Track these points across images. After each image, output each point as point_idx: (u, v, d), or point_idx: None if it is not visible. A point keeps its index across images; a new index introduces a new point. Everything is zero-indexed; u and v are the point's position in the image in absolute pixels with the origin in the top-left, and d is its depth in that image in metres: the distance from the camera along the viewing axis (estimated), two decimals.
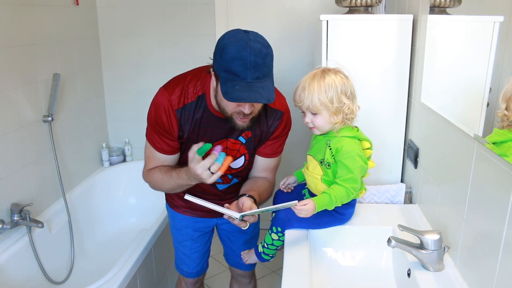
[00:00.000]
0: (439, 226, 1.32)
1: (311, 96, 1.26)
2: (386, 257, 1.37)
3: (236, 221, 1.30)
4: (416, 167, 1.58)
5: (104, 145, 2.87)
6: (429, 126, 1.45)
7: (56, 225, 2.24)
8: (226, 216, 1.30)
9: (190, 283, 1.81)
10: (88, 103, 2.71)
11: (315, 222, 1.35)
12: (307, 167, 1.41)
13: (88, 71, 2.70)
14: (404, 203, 1.62)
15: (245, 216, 1.29)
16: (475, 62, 1.11)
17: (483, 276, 1.01)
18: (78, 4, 2.52)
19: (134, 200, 2.87)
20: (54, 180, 2.31)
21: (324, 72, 1.28)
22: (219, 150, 1.28)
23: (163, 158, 1.45)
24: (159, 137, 1.41)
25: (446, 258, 1.19)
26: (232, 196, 1.59)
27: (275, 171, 1.59)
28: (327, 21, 1.62)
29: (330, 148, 1.31)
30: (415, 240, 1.16)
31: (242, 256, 1.50)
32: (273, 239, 1.36)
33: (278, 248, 1.39)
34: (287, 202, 1.23)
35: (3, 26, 1.92)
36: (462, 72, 1.20)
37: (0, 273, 1.82)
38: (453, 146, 1.22)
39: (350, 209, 1.41)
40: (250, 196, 1.37)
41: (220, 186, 1.57)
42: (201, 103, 1.38)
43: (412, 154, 1.61)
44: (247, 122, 1.31)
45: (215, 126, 1.39)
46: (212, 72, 1.26)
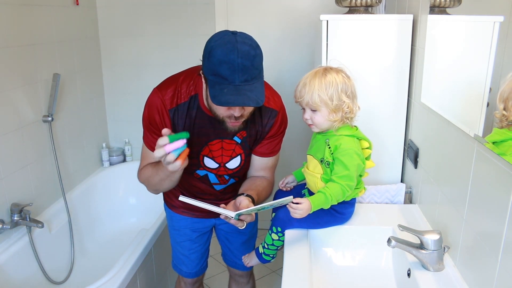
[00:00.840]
0: (439, 226, 1.32)
1: (311, 92, 1.26)
2: (386, 257, 1.37)
3: (232, 220, 1.29)
4: (416, 167, 1.58)
5: (104, 145, 2.87)
6: (429, 126, 1.45)
7: (56, 225, 2.24)
8: (222, 216, 1.29)
9: (189, 283, 1.81)
10: (88, 103, 2.71)
11: (315, 221, 1.35)
12: (307, 166, 1.41)
13: (88, 71, 2.70)
14: (404, 203, 1.62)
15: (241, 215, 1.28)
16: (475, 62, 1.11)
17: (483, 276, 1.01)
18: (78, 4, 2.52)
19: (134, 200, 2.87)
20: (54, 180, 2.31)
21: (326, 70, 1.29)
22: (180, 144, 1.20)
23: None
24: (153, 137, 1.40)
25: (446, 258, 1.19)
26: (229, 196, 1.59)
27: (273, 169, 1.59)
28: (327, 21, 1.62)
29: (329, 147, 1.31)
30: (415, 240, 1.16)
31: (243, 260, 1.50)
32: (273, 239, 1.36)
33: (278, 248, 1.39)
34: (282, 198, 1.22)
35: (3, 26, 1.92)
36: (462, 72, 1.20)
37: (0, 273, 1.82)
38: (453, 146, 1.22)
39: (350, 208, 1.41)
40: (248, 196, 1.36)
41: (217, 187, 1.57)
42: (194, 103, 1.37)
43: (412, 154, 1.61)
44: (239, 125, 1.31)
45: (209, 126, 1.38)
46: (202, 75, 1.25)
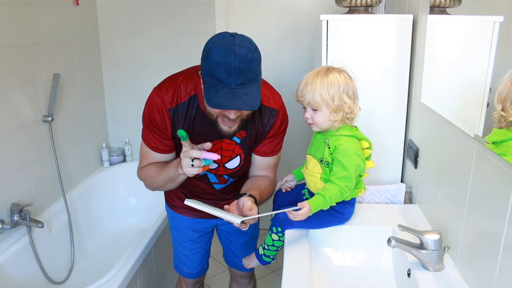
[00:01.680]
0: (439, 226, 1.32)
1: (313, 91, 1.26)
2: (386, 257, 1.37)
3: (236, 224, 1.30)
4: (416, 167, 1.58)
5: (104, 145, 2.87)
6: (429, 126, 1.45)
7: (56, 225, 2.24)
8: (226, 219, 1.30)
9: (190, 284, 1.81)
10: (88, 103, 2.71)
11: (315, 221, 1.35)
12: (306, 166, 1.41)
13: (88, 71, 2.70)
14: (404, 203, 1.62)
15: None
16: (475, 62, 1.11)
17: (483, 276, 1.01)
18: (78, 4, 2.52)
19: (134, 200, 2.87)
20: (54, 180, 2.31)
21: (329, 70, 1.29)
22: (214, 157, 1.26)
23: (158, 157, 1.46)
24: (153, 136, 1.41)
25: (446, 258, 1.19)
26: (229, 195, 1.59)
27: (275, 169, 1.58)
28: (327, 21, 1.62)
29: (329, 147, 1.31)
30: (415, 240, 1.16)
31: (243, 262, 1.50)
32: (273, 240, 1.36)
33: (278, 248, 1.39)
34: (286, 209, 1.26)
35: (3, 26, 1.92)
36: (462, 72, 1.20)
37: (0, 273, 1.82)
38: (453, 146, 1.22)
39: (350, 208, 1.41)
40: (251, 196, 1.36)
41: (217, 186, 1.57)
42: (193, 103, 1.37)
43: (412, 154, 1.61)
44: (233, 127, 1.30)
45: (209, 126, 1.38)
46: (200, 76, 1.26)
